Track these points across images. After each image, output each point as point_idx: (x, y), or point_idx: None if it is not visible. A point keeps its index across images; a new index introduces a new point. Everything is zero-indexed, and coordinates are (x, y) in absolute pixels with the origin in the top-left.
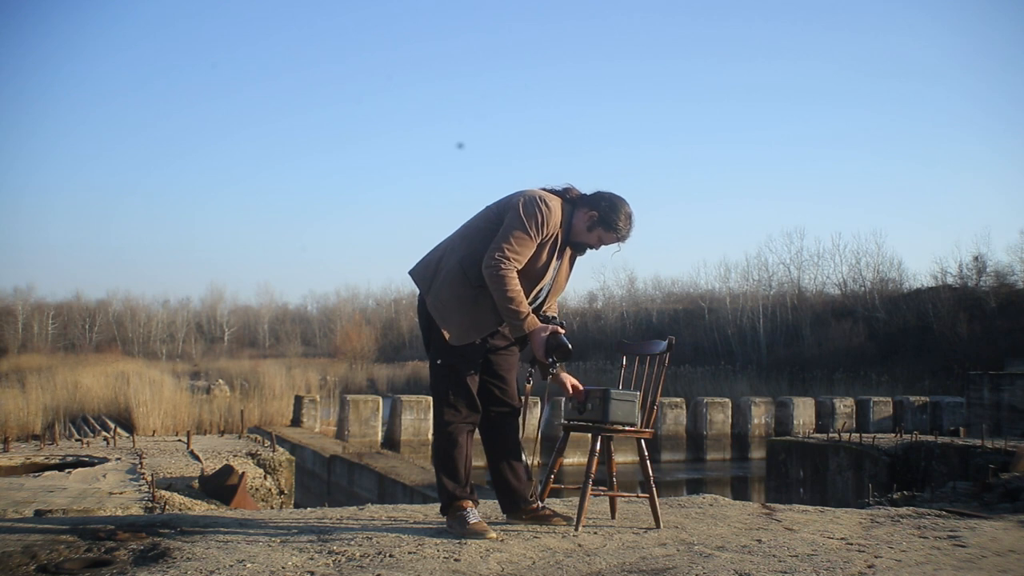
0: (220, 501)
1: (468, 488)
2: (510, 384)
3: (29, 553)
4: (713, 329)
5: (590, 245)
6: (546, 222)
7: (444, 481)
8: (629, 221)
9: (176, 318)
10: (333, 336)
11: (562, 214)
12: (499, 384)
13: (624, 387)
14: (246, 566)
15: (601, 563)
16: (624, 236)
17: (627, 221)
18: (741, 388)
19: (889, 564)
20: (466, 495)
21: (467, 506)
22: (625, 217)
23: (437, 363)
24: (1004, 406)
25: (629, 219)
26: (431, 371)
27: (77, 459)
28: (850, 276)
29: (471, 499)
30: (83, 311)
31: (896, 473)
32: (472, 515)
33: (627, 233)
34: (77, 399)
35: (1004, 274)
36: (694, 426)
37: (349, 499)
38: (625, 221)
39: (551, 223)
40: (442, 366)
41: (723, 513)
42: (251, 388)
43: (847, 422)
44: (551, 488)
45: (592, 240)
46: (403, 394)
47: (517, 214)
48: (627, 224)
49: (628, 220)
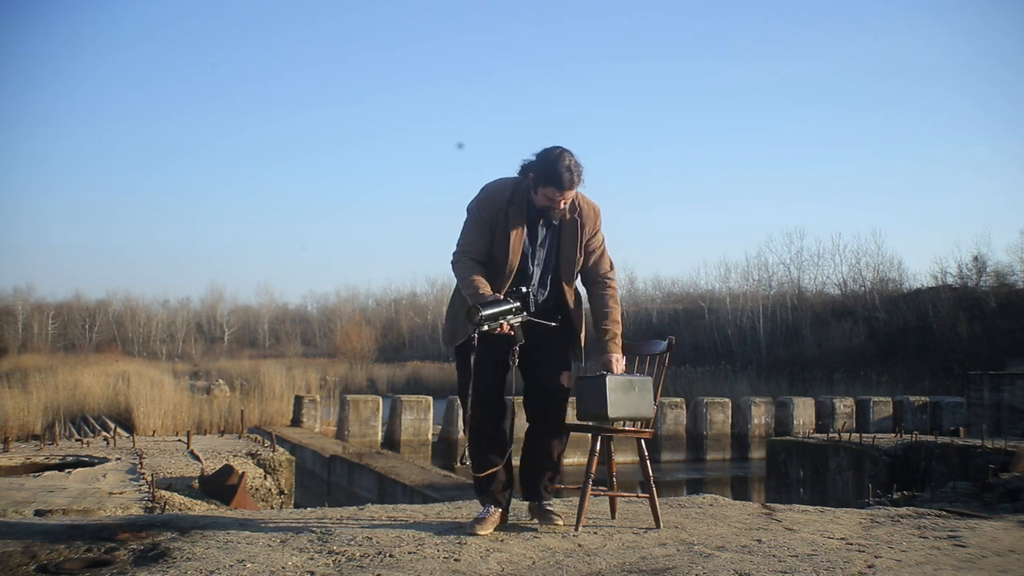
0: (220, 501)
1: (491, 483)
2: (544, 377)
3: (29, 553)
4: (713, 329)
5: (546, 208)
6: (483, 203)
7: (473, 475)
8: (559, 167)
9: (176, 318)
10: (333, 336)
11: (516, 192)
12: (536, 377)
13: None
14: (246, 566)
15: (601, 563)
16: (564, 183)
17: (559, 168)
18: (741, 388)
19: (889, 564)
20: (486, 490)
21: (484, 503)
22: (554, 164)
23: (456, 360)
24: (1004, 406)
25: (559, 165)
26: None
27: (77, 459)
28: (850, 276)
29: (491, 496)
30: (83, 311)
31: (896, 473)
32: (482, 514)
33: (567, 180)
34: (77, 399)
35: (1004, 274)
36: (694, 426)
37: (349, 499)
38: (557, 168)
39: (489, 202)
40: (462, 362)
41: (723, 513)
42: (251, 388)
43: (847, 422)
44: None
45: (542, 201)
46: (403, 394)
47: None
48: (561, 171)
49: (559, 167)
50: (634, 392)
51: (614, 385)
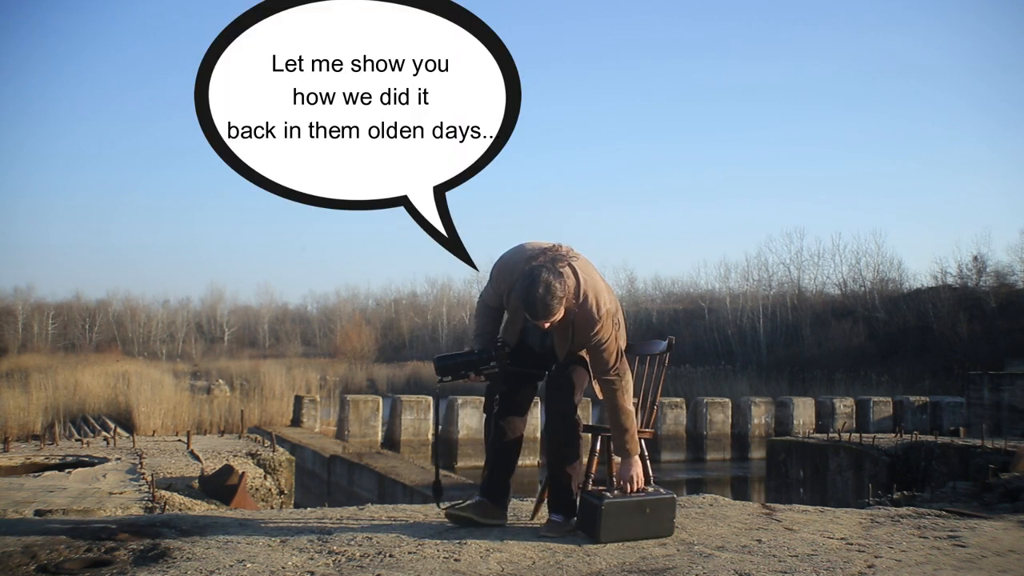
0: (220, 501)
1: (487, 484)
2: (556, 390)
3: (29, 553)
4: (713, 329)
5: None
6: (496, 277)
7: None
8: (532, 297)
9: (176, 318)
10: (333, 336)
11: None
12: (549, 391)
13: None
14: (246, 566)
15: (601, 563)
16: (537, 315)
17: (531, 299)
18: (741, 388)
19: (889, 564)
20: (485, 489)
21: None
22: (528, 292)
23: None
24: (1004, 406)
25: (531, 295)
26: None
27: (77, 459)
28: (850, 276)
29: (485, 495)
30: (83, 311)
31: (896, 473)
32: (467, 505)
33: (540, 312)
34: (77, 399)
35: (1004, 274)
36: (694, 426)
37: (349, 499)
38: (529, 299)
39: (500, 278)
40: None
41: (723, 513)
42: (251, 388)
43: (847, 422)
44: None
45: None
46: (403, 394)
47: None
48: (534, 303)
49: (532, 297)
50: (645, 515)
51: (614, 511)
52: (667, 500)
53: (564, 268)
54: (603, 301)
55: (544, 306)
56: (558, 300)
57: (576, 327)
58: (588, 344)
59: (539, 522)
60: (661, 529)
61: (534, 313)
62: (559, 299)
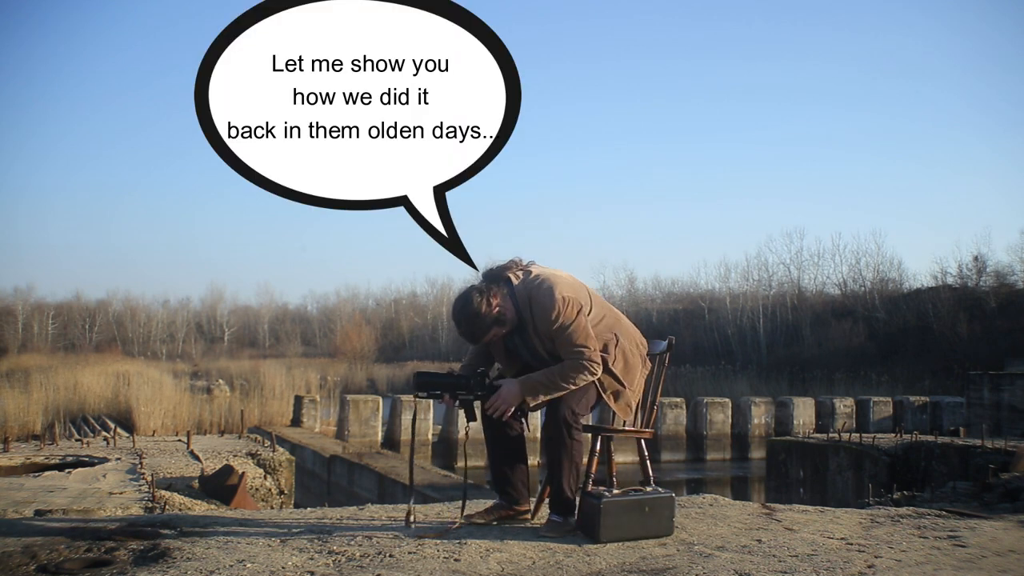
0: (220, 501)
1: (498, 486)
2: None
3: (29, 553)
4: (713, 329)
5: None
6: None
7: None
8: (455, 319)
9: (176, 318)
10: (333, 336)
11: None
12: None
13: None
14: (246, 566)
15: (601, 563)
16: (462, 335)
17: (455, 320)
18: (741, 388)
19: (889, 564)
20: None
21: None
22: (453, 317)
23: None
24: (1004, 406)
25: (454, 318)
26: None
27: (77, 459)
28: (850, 276)
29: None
30: (83, 311)
31: (896, 473)
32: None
33: (462, 333)
34: (77, 399)
35: (1004, 274)
36: (694, 426)
37: (349, 499)
38: (455, 320)
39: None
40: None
41: (723, 513)
42: (251, 388)
43: (847, 422)
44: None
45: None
46: (403, 394)
47: None
48: (457, 323)
49: (454, 319)
50: (644, 514)
51: (613, 510)
52: (666, 499)
53: (498, 282)
54: (560, 288)
55: (464, 318)
56: (476, 311)
57: (536, 317)
58: (552, 330)
59: (539, 522)
60: (661, 528)
61: (459, 327)
62: (477, 311)
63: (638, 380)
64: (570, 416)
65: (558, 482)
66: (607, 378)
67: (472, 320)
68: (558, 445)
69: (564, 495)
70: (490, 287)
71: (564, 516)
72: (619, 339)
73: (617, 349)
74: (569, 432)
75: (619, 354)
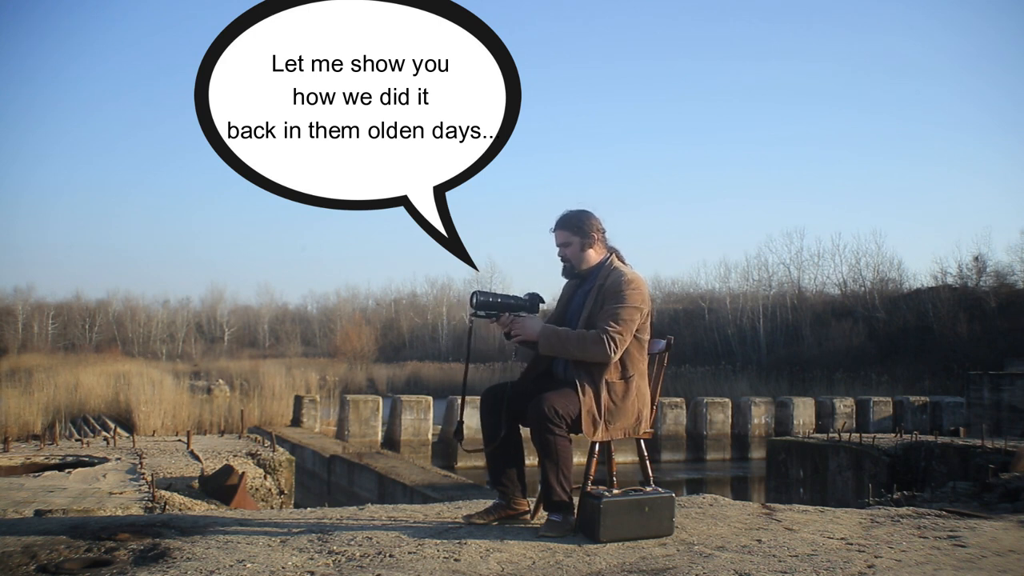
0: (220, 501)
1: (496, 484)
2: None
3: (29, 553)
4: (713, 329)
5: (567, 265)
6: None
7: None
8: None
9: (176, 318)
10: (333, 336)
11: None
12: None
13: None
14: (246, 566)
15: (601, 563)
16: (557, 222)
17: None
18: (741, 388)
19: (889, 564)
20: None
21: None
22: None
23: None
24: (1004, 406)
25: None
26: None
27: (77, 459)
28: (850, 276)
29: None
30: (83, 311)
31: (896, 473)
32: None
33: (558, 220)
34: (77, 399)
35: (1004, 274)
36: (694, 426)
37: (349, 499)
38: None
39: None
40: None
41: (723, 513)
42: (251, 388)
43: (847, 422)
44: None
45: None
46: (403, 394)
47: None
48: (563, 215)
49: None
50: (644, 513)
51: (613, 510)
52: (666, 499)
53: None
54: (640, 282)
55: (581, 211)
56: (577, 222)
57: (607, 285)
58: (609, 296)
59: (539, 522)
60: (660, 528)
61: (566, 213)
62: (579, 222)
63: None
64: (550, 412)
65: (545, 480)
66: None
67: (582, 215)
68: (539, 443)
69: (552, 492)
70: (600, 228)
71: (563, 515)
72: (637, 375)
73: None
74: (548, 428)
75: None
